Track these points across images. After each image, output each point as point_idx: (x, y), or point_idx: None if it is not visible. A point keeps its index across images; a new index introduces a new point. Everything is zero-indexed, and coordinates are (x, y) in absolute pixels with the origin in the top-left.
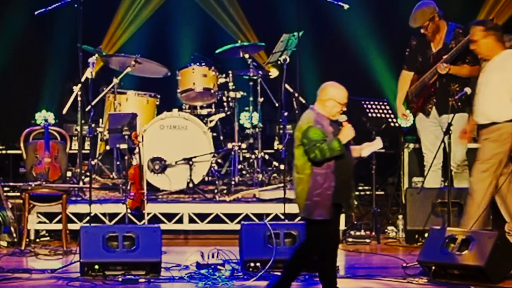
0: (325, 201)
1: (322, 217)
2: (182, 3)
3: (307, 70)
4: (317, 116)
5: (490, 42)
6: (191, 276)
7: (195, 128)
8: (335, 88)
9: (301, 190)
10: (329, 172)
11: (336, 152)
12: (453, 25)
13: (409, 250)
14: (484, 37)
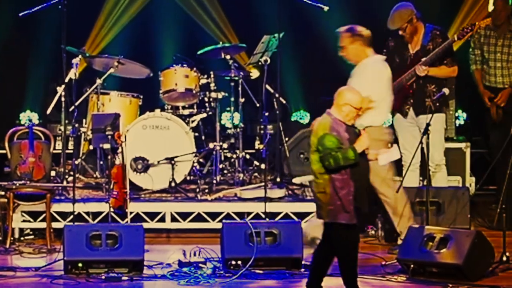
0: (347, 205)
1: (346, 221)
2: (164, 5)
3: (287, 71)
4: (333, 122)
5: (357, 47)
6: (173, 274)
7: (177, 128)
8: (351, 93)
9: (320, 195)
10: (347, 178)
11: (350, 161)
12: (430, 26)
13: (388, 248)
14: (352, 42)
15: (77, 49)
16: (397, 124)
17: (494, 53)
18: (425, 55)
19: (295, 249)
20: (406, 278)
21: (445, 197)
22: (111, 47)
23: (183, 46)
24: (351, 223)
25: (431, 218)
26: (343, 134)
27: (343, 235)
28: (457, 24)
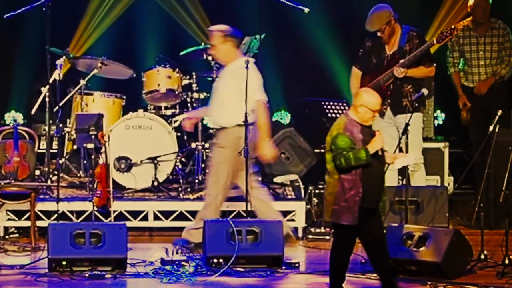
0: (352, 206)
1: (348, 222)
2: (147, 7)
3: (268, 72)
4: (349, 122)
5: (227, 48)
6: (155, 272)
7: (159, 128)
8: (368, 95)
9: (328, 193)
10: (356, 179)
11: (362, 162)
12: (407, 27)
13: None
14: (223, 42)
15: (61, 50)
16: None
17: (476, 52)
18: (402, 56)
19: (276, 247)
20: None
21: (424, 196)
22: (94, 48)
23: (165, 47)
24: (353, 224)
25: (410, 217)
26: (356, 134)
27: (342, 236)
28: (436, 25)
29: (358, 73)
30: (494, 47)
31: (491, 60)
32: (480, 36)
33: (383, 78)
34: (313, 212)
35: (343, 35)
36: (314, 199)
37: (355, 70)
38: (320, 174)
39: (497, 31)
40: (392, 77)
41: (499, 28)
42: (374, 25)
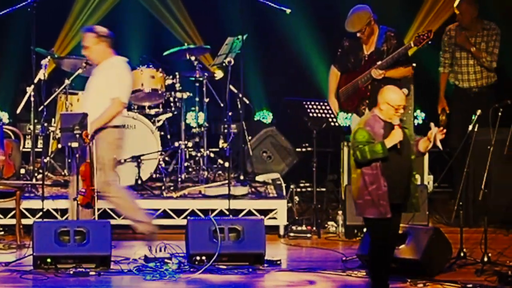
0: (377, 200)
1: (374, 215)
2: (131, 7)
3: (250, 71)
4: (371, 118)
5: (101, 48)
6: (139, 269)
7: (143, 127)
8: (390, 92)
9: (354, 189)
10: (377, 173)
11: (378, 155)
12: (384, 28)
13: (348, 244)
14: (97, 43)
15: (46, 50)
16: (354, 124)
17: (466, 52)
18: (379, 56)
19: (258, 245)
20: (366, 273)
21: None
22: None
23: (149, 47)
24: (380, 217)
25: None
26: (377, 130)
27: (372, 229)
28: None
29: (337, 73)
30: (483, 46)
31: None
32: (471, 36)
33: (362, 79)
34: (294, 210)
35: (325, 35)
36: (295, 198)
37: (334, 70)
38: (301, 172)
39: (488, 32)
40: (370, 78)
41: (489, 29)
42: (355, 26)
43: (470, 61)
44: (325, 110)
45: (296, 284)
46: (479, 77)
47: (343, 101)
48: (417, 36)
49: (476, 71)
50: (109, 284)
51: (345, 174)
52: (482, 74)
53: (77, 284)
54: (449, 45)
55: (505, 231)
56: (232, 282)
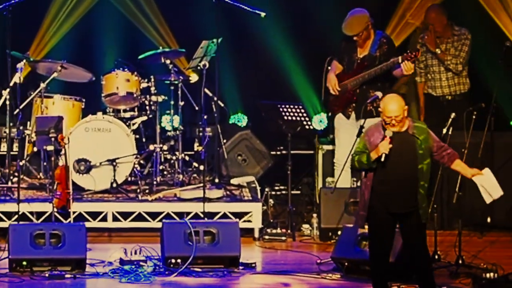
0: (361, 210)
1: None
2: (106, 11)
3: (225, 75)
4: (375, 126)
5: None
6: (114, 272)
7: (118, 131)
8: (385, 101)
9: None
10: (366, 182)
11: (364, 166)
12: (380, 34)
13: (323, 247)
14: None
15: (22, 54)
16: (338, 123)
17: (437, 59)
18: (371, 62)
19: (232, 248)
20: (341, 276)
21: None
22: (54, 52)
23: (124, 51)
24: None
25: None
26: (374, 139)
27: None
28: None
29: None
30: (451, 52)
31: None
32: (442, 43)
33: (351, 82)
34: (269, 213)
35: (299, 39)
36: (270, 201)
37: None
38: (276, 175)
39: (458, 37)
40: (359, 83)
41: (460, 34)
42: (354, 29)
43: (441, 68)
44: (300, 113)
45: (271, 287)
46: (452, 84)
47: (331, 100)
48: (406, 53)
49: (448, 78)
50: (84, 287)
51: (319, 177)
52: (454, 81)
53: (53, 287)
54: (422, 54)
55: (479, 234)
56: (207, 285)
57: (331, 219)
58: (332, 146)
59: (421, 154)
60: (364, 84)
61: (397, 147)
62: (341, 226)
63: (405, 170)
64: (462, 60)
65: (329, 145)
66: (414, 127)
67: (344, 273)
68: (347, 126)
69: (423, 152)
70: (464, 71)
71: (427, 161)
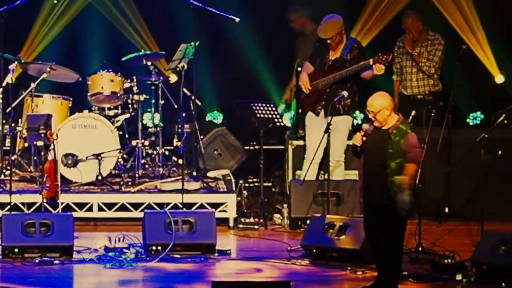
0: (360, 198)
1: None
2: (92, 16)
3: (202, 75)
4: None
5: None
6: (99, 258)
7: (103, 127)
8: (371, 98)
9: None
10: (360, 173)
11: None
12: (351, 39)
13: (293, 235)
14: None
15: (13, 56)
16: (308, 121)
17: (411, 61)
18: (342, 64)
19: (209, 236)
20: (309, 262)
21: (344, 189)
22: (44, 54)
23: (109, 53)
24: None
25: (332, 208)
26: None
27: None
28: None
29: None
30: (425, 55)
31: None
32: (416, 46)
33: (322, 82)
34: (243, 204)
35: (270, 42)
36: (244, 192)
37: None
38: (249, 169)
39: (432, 42)
40: (330, 84)
41: (433, 39)
42: (327, 33)
43: (414, 69)
44: (271, 111)
45: (244, 272)
46: (421, 85)
47: (301, 98)
48: (377, 56)
49: (419, 79)
50: (71, 272)
51: (289, 170)
52: (424, 82)
53: (42, 272)
54: (398, 55)
55: (438, 223)
56: (186, 270)
57: (300, 209)
58: (302, 141)
59: (390, 153)
60: (334, 84)
61: (373, 142)
62: (309, 216)
63: (377, 165)
64: (435, 64)
65: (299, 140)
66: (397, 127)
67: (312, 259)
68: (316, 123)
69: (393, 151)
70: (435, 74)
71: (398, 161)
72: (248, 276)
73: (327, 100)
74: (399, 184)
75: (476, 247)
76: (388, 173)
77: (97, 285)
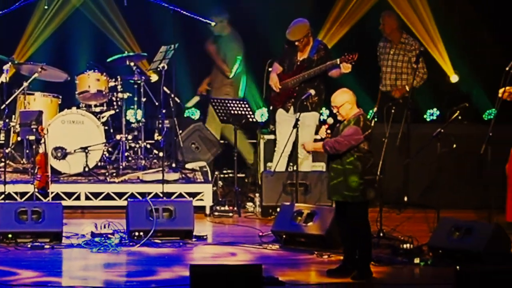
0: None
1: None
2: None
3: (182, 75)
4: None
5: None
6: (87, 243)
7: (90, 123)
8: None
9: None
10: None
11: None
12: (317, 41)
13: (264, 222)
14: None
15: (7, 57)
16: (279, 117)
17: (386, 60)
18: (309, 64)
19: (187, 222)
20: (279, 247)
21: (311, 180)
22: (35, 56)
23: (95, 55)
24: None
25: (300, 197)
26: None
27: None
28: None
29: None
30: (400, 58)
31: (396, 68)
32: (391, 48)
33: (292, 81)
34: (218, 193)
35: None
36: (219, 182)
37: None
38: (224, 161)
39: (405, 46)
40: (299, 82)
41: (407, 43)
42: (295, 35)
43: (388, 68)
44: (245, 108)
45: (220, 256)
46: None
47: (272, 96)
48: (344, 56)
49: (391, 78)
50: (61, 256)
51: (261, 163)
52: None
53: (34, 256)
54: (378, 56)
55: (397, 211)
56: (166, 254)
57: (271, 198)
58: (272, 136)
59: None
60: (302, 82)
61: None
62: (279, 204)
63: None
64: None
65: (270, 135)
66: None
67: (282, 244)
68: (286, 119)
69: None
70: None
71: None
72: (223, 260)
73: (296, 98)
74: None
75: (433, 233)
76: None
77: (84, 267)
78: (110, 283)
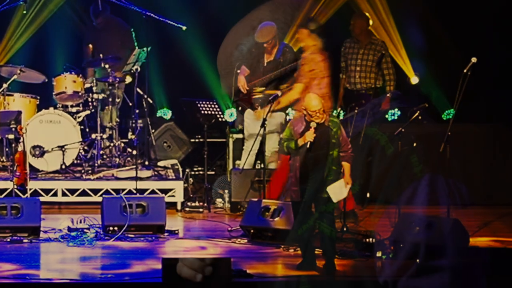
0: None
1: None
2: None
3: (154, 77)
4: (298, 118)
5: None
6: (63, 237)
7: (66, 122)
8: (307, 100)
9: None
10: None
11: (292, 150)
12: (283, 43)
13: (233, 217)
14: None
15: None
16: (247, 117)
17: (355, 60)
18: (275, 66)
19: (159, 218)
20: (248, 241)
21: None
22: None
23: (71, 57)
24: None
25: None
26: (298, 129)
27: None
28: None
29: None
30: (370, 58)
31: (366, 67)
32: (360, 48)
33: (259, 83)
34: (189, 190)
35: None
36: (190, 179)
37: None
38: (195, 159)
39: (375, 46)
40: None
41: (377, 44)
42: (264, 37)
43: (357, 67)
44: (214, 108)
45: (191, 249)
46: (363, 81)
47: (240, 97)
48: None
49: (361, 76)
50: (39, 249)
51: (230, 160)
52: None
53: (13, 250)
54: (344, 55)
55: (360, 207)
56: (139, 248)
57: (239, 194)
58: (240, 135)
59: (333, 143)
60: (269, 83)
61: (317, 136)
62: (247, 200)
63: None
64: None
65: (238, 134)
66: (330, 120)
67: (250, 238)
68: (254, 119)
69: (335, 141)
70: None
71: (337, 150)
72: (194, 253)
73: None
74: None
75: (394, 228)
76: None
77: (61, 260)
78: (86, 275)
